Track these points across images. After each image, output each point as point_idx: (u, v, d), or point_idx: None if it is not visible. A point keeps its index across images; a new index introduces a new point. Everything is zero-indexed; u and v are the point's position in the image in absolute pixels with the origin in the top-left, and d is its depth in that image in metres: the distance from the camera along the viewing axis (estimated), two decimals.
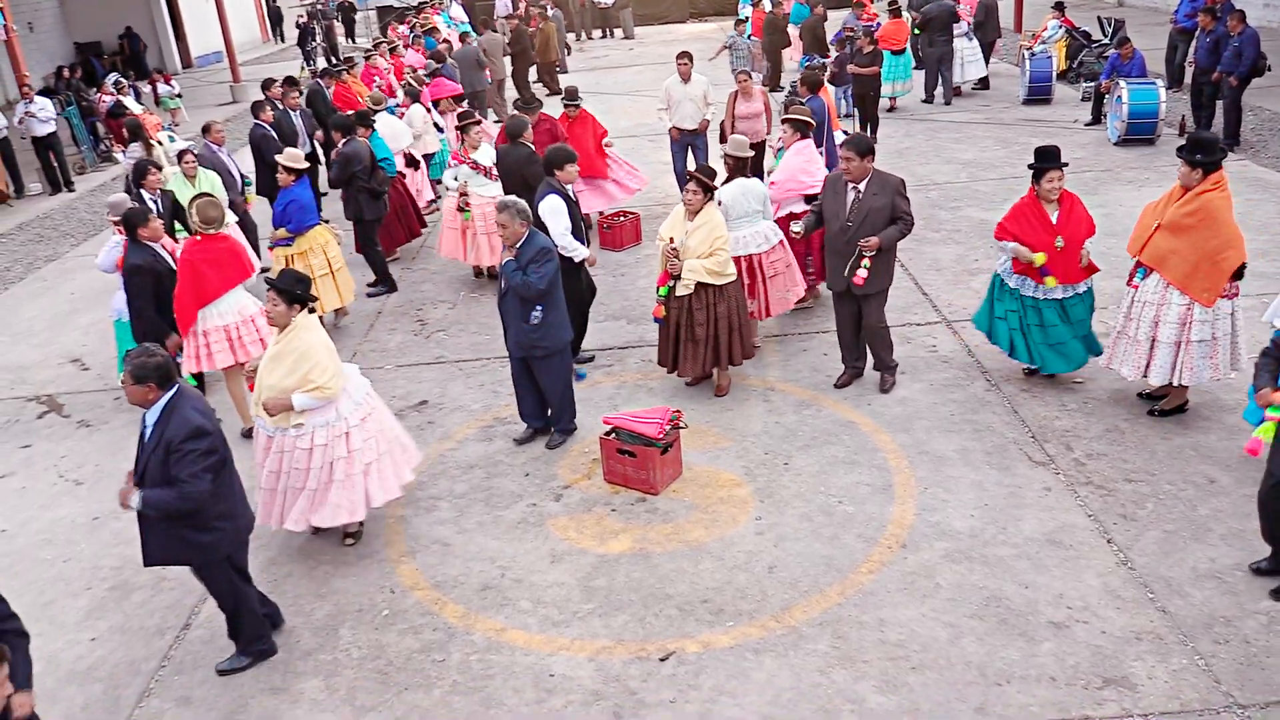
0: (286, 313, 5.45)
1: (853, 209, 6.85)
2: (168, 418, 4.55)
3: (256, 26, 35.83)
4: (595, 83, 21.00)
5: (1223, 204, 6.18)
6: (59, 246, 13.32)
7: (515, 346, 6.68)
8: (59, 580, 6.07)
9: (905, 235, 6.97)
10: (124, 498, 4.56)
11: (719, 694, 4.70)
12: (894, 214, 6.83)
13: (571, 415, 7.02)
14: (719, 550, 5.74)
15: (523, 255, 6.41)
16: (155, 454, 4.54)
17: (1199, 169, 6.08)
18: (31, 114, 15.19)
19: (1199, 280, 6.10)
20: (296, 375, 5.42)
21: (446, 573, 5.76)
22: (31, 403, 8.58)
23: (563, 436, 6.99)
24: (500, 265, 6.60)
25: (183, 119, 19.12)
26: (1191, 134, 6.39)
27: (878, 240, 6.75)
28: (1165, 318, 6.32)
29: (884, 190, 6.83)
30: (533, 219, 6.61)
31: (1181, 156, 6.16)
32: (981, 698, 4.57)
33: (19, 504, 6.95)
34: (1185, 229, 6.07)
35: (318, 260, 8.83)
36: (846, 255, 6.93)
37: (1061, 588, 5.22)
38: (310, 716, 4.80)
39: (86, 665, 5.31)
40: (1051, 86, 15.95)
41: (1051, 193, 6.63)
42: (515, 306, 6.53)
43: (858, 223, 6.81)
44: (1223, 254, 6.06)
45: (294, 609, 5.55)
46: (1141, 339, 6.42)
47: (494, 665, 5.01)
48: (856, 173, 6.81)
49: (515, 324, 6.58)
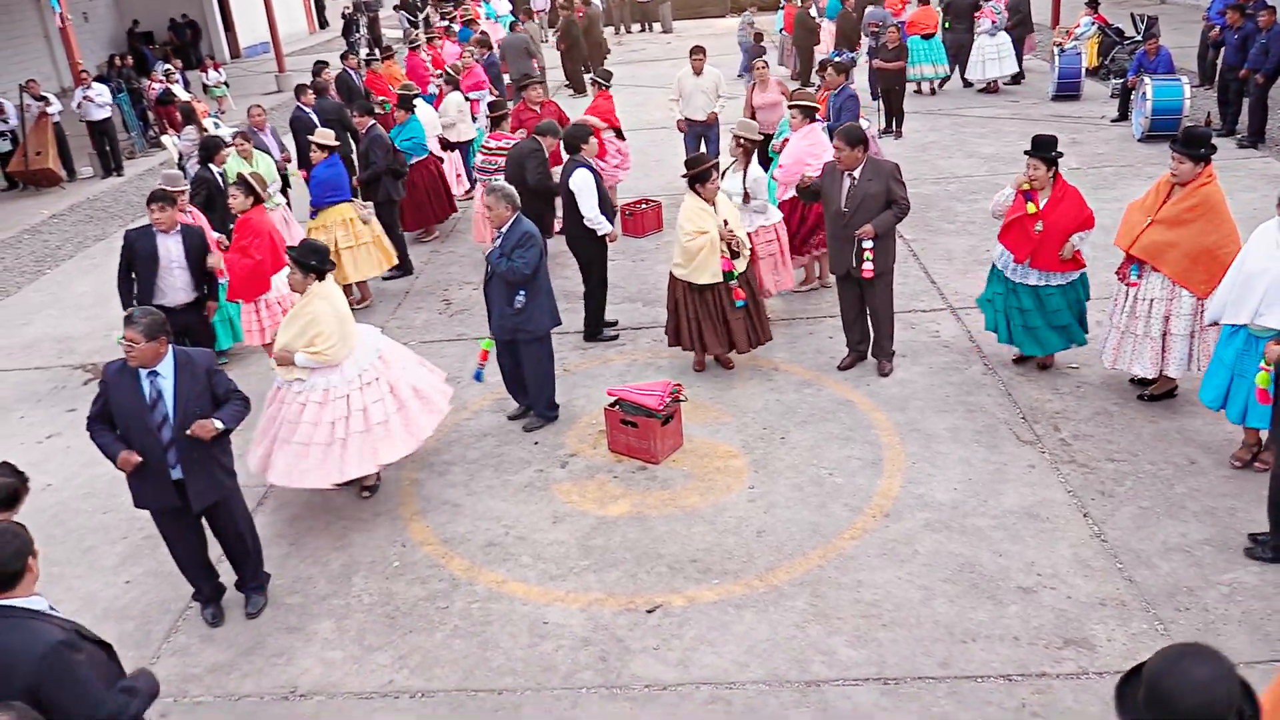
0: (303, 280, 5.94)
1: (848, 195, 7.10)
2: (185, 359, 4.98)
3: (303, 18, 36.57)
4: (631, 76, 21.29)
5: (1221, 196, 6.34)
6: (107, 226, 13.90)
7: (499, 329, 6.94)
8: (99, 529, 6.53)
9: (901, 219, 7.20)
10: (205, 430, 4.95)
11: (700, 643, 5.02)
12: (889, 199, 7.07)
13: (550, 401, 7.23)
14: (711, 515, 6.06)
15: (508, 240, 6.71)
16: (194, 391, 4.96)
17: (1197, 163, 6.18)
18: (90, 98, 15.82)
19: (1199, 273, 6.23)
20: (304, 338, 5.91)
21: (455, 530, 6.13)
22: (78, 370, 9.09)
23: (540, 420, 7.22)
24: (486, 254, 6.89)
25: (228, 106, 19.75)
26: (1185, 129, 6.52)
27: (872, 229, 7.00)
28: (1178, 311, 6.43)
29: (878, 176, 7.07)
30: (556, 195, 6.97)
31: (1177, 151, 6.24)
32: (946, 653, 4.85)
33: (64, 461, 7.44)
34: (1185, 223, 6.20)
35: (342, 234, 9.28)
36: (845, 240, 7.17)
37: (1034, 556, 5.47)
38: (321, 653, 5.19)
39: (121, 605, 5.75)
40: (1080, 83, 16.00)
41: (1033, 180, 6.82)
42: (500, 291, 6.81)
43: (853, 208, 7.06)
44: (1223, 247, 6.17)
45: (312, 559, 5.97)
46: (1154, 335, 6.51)
47: (493, 613, 5.37)
48: (848, 162, 7.04)
49: (499, 308, 6.85)
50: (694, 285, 7.28)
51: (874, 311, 7.48)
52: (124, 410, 4.95)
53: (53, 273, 12.14)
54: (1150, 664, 2.34)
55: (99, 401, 5.03)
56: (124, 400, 4.94)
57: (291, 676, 5.06)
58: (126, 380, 4.94)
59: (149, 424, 4.94)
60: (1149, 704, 2.30)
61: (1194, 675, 2.25)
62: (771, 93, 10.90)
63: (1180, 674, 2.26)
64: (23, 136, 15.86)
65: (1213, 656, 2.30)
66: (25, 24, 23.37)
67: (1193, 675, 2.25)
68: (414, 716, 4.73)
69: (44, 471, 7.29)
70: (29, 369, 9.22)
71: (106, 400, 4.99)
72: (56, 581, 5.92)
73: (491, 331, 7.09)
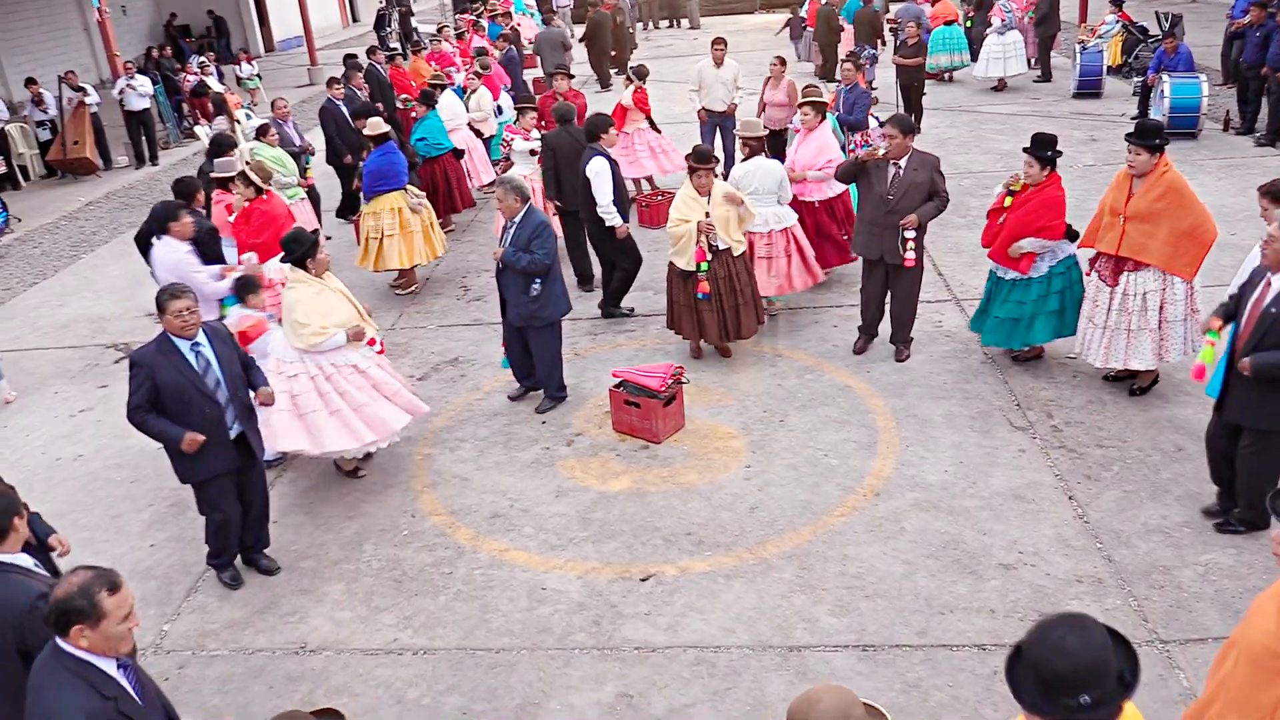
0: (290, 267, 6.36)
1: (893, 183, 7.27)
2: (212, 329, 5.40)
3: (336, 13, 37.07)
4: (657, 71, 21.44)
5: (1184, 181, 6.49)
6: (142, 214, 14.16)
7: (516, 317, 7.15)
8: (126, 498, 6.86)
9: (941, 211, 7.39)
10: (270, 397, 5.60)
11: (689, 610, 5.26)
12: (931, 190, 7.26)
13: (560, 383, 7.48)
14: (708, 492, 6.29)
15: (522, 233, 6.94)
16: (228, 356, 5.42)
17: (1153, 153, 6.32)
18: (132, 88, 16.27)
19: (1181, 257, 6.39)
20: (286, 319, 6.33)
21: (462, 502, 6.40)
22: (110, 349, 9.46)
23: (552, 402, 7.47)
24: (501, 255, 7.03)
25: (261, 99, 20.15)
26: (1138, 121, 6.61)
27: (916, 218, 7.18)
28: (1171, 298, 6.58)
29: (923, 167, 7.24)
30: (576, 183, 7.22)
31: (1133, 143, 6.37)
32: (924, 623, 5.05)
33: (96, 433, 7.79)
34: (1158, 213, 6.34)
35: (387, 222, 9.58)
36: (885, 226, 7.31)
37: (1017, 535, 5.66)
38: (331, 613, 5.48)
39: (145, 566, 6.07)
40: (1101, 80, 16.02)
41: (1027, 176, 6.97)
42: (514, 280, 7.05)
43: (898, 196, 7.23)
44: (1200, 227, 6.36)
45: (326, 527, 6.26)
46: (1152, 326, 6.62)
47: (494, 579, 5.64)
48: (897, 150, 7.20)
49: (515, 296, 7.06)
50: (680, 271, 7.55)
51: (900, 299, 7.65)
52: (176, 385, 5.19)
53: (88, 257, 12.56)
54: (1027, 634, 2.47)
55: (141, 389, 5.17)
56: (174, 376, 5.19)
57: (302, 634, 5.35)
58: (170, 358, 5.20)
59: (207, 390, 5.28)
60: (1027, 672, 2.43)
61: (1065, 644, 2.38)
62: (782, 93, 11.10)
63: (1052, 643, 2.40)
64: (61, 126, 16.35)
65: (1085, 625, 2.43)
66: (66, 17, 23.93)
67: (1064, 644, 2.38)
68: (415, 672, 5.00)
69: (75, 443, 7.66)
70: (63, 348, 9.61)
71: (152, 383, 5.16)
72: (86, 545, 6.23)
73: (506, 319, 7.33)
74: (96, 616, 3.03)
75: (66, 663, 3.07)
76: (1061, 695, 2.38)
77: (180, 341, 5.22)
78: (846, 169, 7.59)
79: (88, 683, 3.06)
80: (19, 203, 14.87)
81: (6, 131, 16.17)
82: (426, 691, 4.87)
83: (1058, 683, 2.38)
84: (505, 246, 7.01)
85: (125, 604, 3.10)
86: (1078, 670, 2.37)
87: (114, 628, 3.07)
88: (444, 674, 4.98)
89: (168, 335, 5.22)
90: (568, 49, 17.84)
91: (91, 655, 3.08)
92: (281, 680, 5.04)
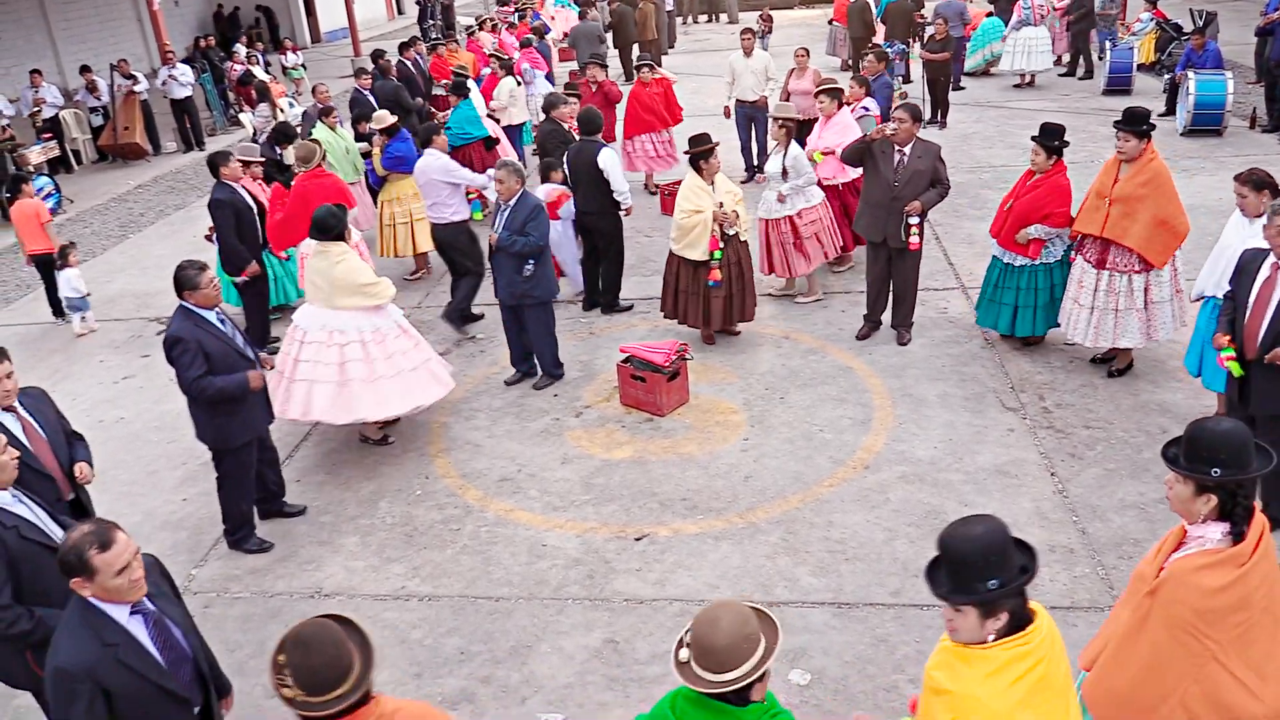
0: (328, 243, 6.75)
1: (899, 169, 7.53)
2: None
3: (382, 4, 37.72)
4: (693, 64, 21.79)
5: (1168, 173, 6.72)
6: (186, 197, 14.90)
7: (507, 295, 7.48)
8: (163, 456, 7.32)
9: (943, 198, 7.65)
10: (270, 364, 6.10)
11: (677, 567, 5.59)
12: (934, 178, 7.51)
13: (555, 360, 7.78)
14: (706, 462, 6.60)
15: (516, 216, 7.28)
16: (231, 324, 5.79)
17: (1141, 139, 6.56)
18: (174, 78, 16.89)
19: (1156, 243, 6.61)
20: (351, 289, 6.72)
21: (474, 466, 6.78)
22: (153, 322, 9.97)
23: (549, 380, 7.79)
24: (495, 239, 7.36)
25: (305, 88, 20.73)
26: (1126, 108, 6.79)
27: (919, 204, 7.44)
28: (1157, 280, 6.82)
29: (926, 155, 7.51)
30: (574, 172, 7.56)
31: (1123, 129, 6.60)
32: (899, 585, 5.34)
33: (138, 398, 8.28)
34: (1141, 198, 6.57)
35: (400, 209, 9.99)
36: (889, 211, 7.57)
37: (996, 508, 5.90)
38: (346, 563, 5.88)
39: (178, 518, 6.52)
40: (1131, 77, 16.06)
41: (1034, 163, 7.21)
42: (507, 260, 7.38)
43: (903, 182, 7.49)
44: (1176, 218, 6.60)
45: (345, 486, 6.67)
46: (1139, 306, 6.86)
47: (499, 535, 6.00)
48: (904, 135, 7.47)
49: (507, 276, 7.40)
50: (687, 260, 7.82)
51: (901, 283, 7.90)
52: (222, 352, 5.52)
53: (135, 237, 13.13)
54: (942, 532, 2.80)
55: (196, 360, 5.42)
56: (218, 345, 5.52)
57: (318, 580, 5.76)
58: (208, 328, 5.53)
59: (245, 352, 5.70)
60: (941, 565, 2.75)
61: (971, 530, 2.71)
62: (806, 80, 11.34)
63: (959, 530, 2.73)
64: (113, 113, 17.02)
65: (989, 519, 2.77)
66: (120, 7, 24.74)
67: (970, 531, 2.71)
68: (419, 616, 5.38)
69: (119, 407, 8.15)
70: (109, 320, 10.13)
71: (204, 353, 5.44)
72: (124, 498, 6.72)
73: (498, 298, 7.65)
74: (89, 572, 3.14)
75: (78, 607, 3.23)
76: (972, 579, 2.67)
77: (207, 313, 5.59)
78: (853, 151, 7.82)
79: (92, 629, 3.20)
80: (71, 185, 15.53)
81: (61, 117, 16.87)
82: (429, 633, 5.25)
83: (967, 568, 2.67)
84: (500, 230, 7.35)
85: (119, 559, 3.16)
86: (985, 552, 2.66)
87: (110, 581, 3.16)
88: (446, 618, 5.35)
89: (193, 309, 5.52)
90: (603, 42, 18.17)
91: (100, 602, 3.21)
92: (298, 620, 5.40)
